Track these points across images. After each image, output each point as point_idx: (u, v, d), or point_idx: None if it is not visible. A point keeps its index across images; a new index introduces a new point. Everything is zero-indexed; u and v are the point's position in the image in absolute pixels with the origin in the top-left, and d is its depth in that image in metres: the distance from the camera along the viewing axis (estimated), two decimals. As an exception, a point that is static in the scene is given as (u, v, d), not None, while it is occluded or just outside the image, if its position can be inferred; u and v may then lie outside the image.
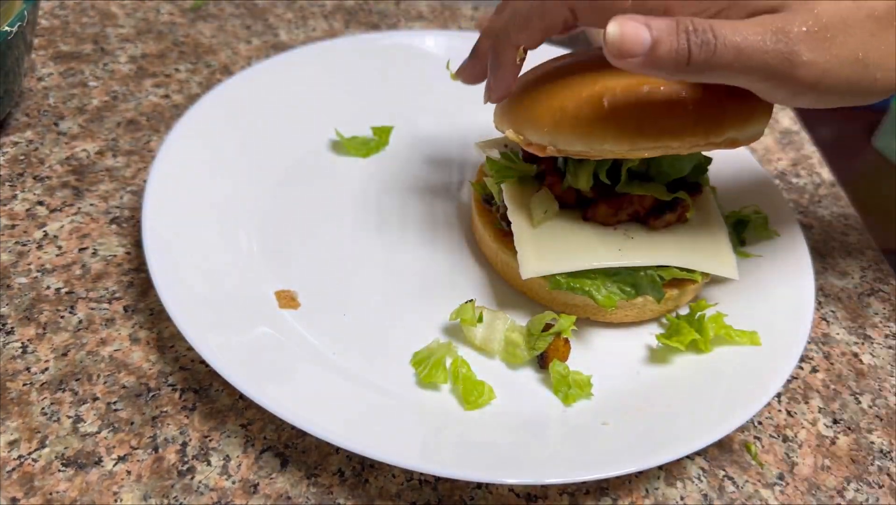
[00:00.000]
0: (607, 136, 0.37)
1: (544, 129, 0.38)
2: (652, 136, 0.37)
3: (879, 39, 0.33)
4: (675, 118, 0.36)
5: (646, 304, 0.42)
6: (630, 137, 0.37)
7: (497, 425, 0.37)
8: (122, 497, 0.34)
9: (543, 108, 0.38)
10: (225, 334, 0.38)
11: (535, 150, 0.39)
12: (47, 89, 0.57)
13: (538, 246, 0.41)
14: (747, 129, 0.38)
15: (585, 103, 0.37)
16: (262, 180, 0.50)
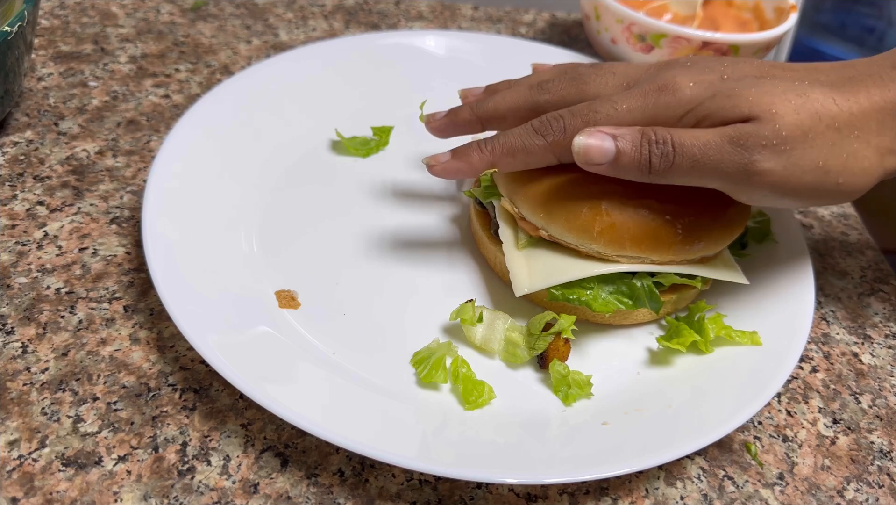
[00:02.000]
0: (599, 240, 0.39)
1: (539, 214, 0.40)
2: (637, 250, 0.39)
3: (840, 148, 0.35)
4: (662, 239, 0.39)
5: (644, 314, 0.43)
6: (618, 247, 0.39)
7: (497, 425, 0.37)
8: (123, 497, 0.34)
9: (541, 193, 0.40)
10: (225, 334, 0.38)
11: (527, 227, 0.41)
12: (47, 89, 0.57)
13: (529, 262, 0.41)
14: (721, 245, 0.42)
15: (583, 204, 0.39)
16: (262, 180, 0.50)
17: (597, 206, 0.39)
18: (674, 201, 0.39)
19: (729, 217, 0.41)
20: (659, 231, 0.39)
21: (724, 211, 0.41)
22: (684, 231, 0.39)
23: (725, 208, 0.41)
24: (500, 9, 0.79)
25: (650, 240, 0.39)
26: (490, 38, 0.66)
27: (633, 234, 0.39)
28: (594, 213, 0.39)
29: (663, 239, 0.39)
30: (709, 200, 0.40)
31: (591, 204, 0.39)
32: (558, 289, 0.40)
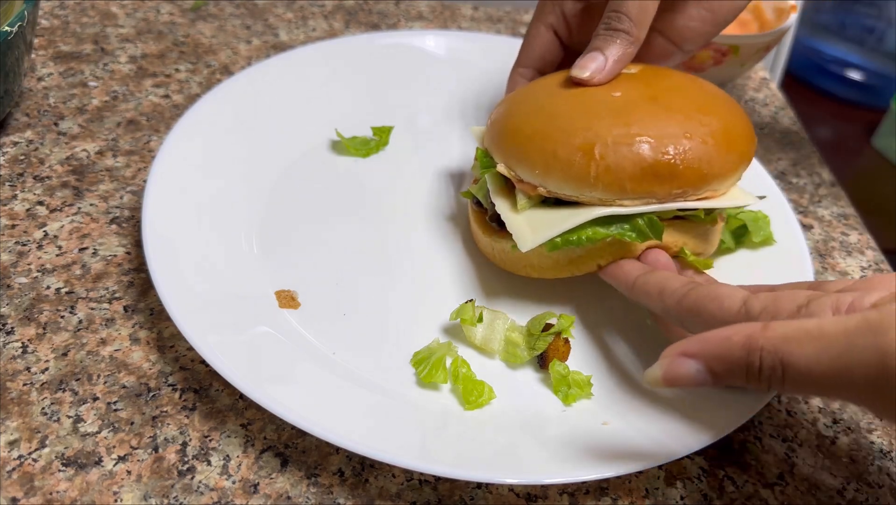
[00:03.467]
0: (597, 186, 0.38)
1: (535, 170, 0.40)
2: (638, 189, 0.38)
3: None
4: (662, 174, 0.38)
5: None
6: (618, 189, 0.38)
7: (497, 425, 0.37)
8: (123, 497, 0.34)
9: (536, 150, 0.40)
10: (225, 334, 0.38)
11: (527, 188, 0.41)
12: (47, 89, 0.57)
13: (530, 220, 0.41)
14: (726, 183, 0.40)
15: (577, 151, 0.38)
16: (262, 180, 0.50)
17: (590, 151, 0.38)
18: (668, 134, 0.38)
19: (731, 145, 0.39)
20: (657, 167, 0.38)
21: (725, 140, 0.39)
22: (685, 164, 0.38)
23: (727, 137, 0.39)
24: (500, 9, 0.79)
25: (650, 177, 0.38)
26: (490, 38, 0.66)
27: (630, 174, 0.38)
28: (588, 160, 0.38)
29: (663, 174, 0.38)
30: (708, 130, 0.39)
31: (584, 151, 0.38)
32: (560, 238, 0.39)
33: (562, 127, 0.39)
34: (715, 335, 0.28)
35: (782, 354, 0.26)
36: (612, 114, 0.39)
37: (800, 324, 0.26)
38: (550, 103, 0.42)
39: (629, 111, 0.39)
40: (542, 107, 0.42)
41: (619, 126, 0.38)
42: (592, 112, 0.39)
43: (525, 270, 0.44)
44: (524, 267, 0.43)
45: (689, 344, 0.28)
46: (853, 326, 0.25)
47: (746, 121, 0.42)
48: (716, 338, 0.28)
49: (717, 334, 0.28)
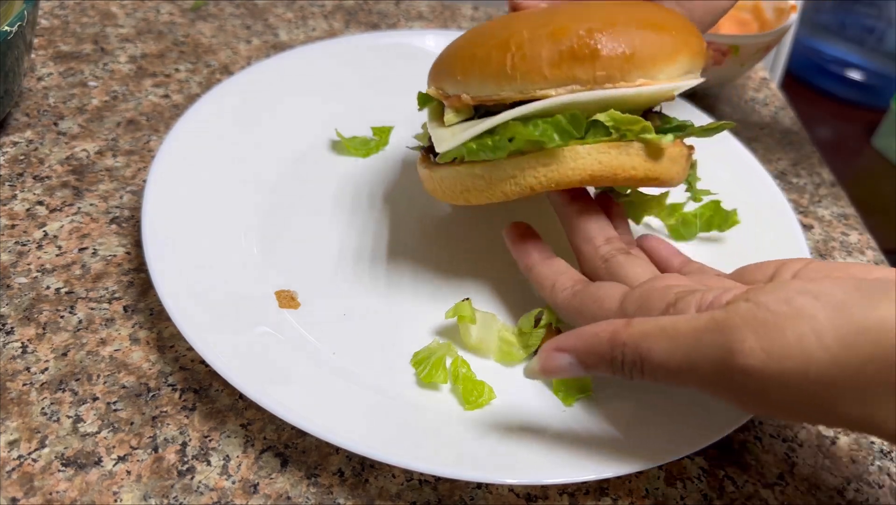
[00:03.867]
0: (515, 77, 0.36)
1: (457, 76, 0.38)
2: (559, 75, 0.36)
3: None
4: (581, 54, 0.36)
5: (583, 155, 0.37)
6: (538, 77, 0.36)
7: (497, 425, 0.37)
8: (122, 497, 0.34)
9: (457, 58, 0.39)
10: (225, 334, 0.38)
11: (454, 102, 0.39)
12: (47, 89, 0.57)
13: (454, 130, 0.40)
14: (663, 71, 0.37)
15: (494, 48, 0.37)
16: (262, 180, 0.50)
17: (506, 45, 0.37)
18: (589, 21, 0.36)
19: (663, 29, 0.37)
20: (575, 49, 0.36)
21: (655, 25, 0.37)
22: (607, 44, 0.36)
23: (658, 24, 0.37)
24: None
25: (569, 60, 0.36)
26: (490, 37, 0.66)
27: (548, 59, 0.36)
28: (504, 53, 0.37)
29: (583, 55, 0.36)
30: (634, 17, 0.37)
31: (500, 47, 0.37)
32: (475, 140, 0.37)
33: (483, 34, 0.39)
34: (585, 331, 0.31)
35: (641, 349, 0.29)
36: (534, 16, 0.38)
37: (657, 322, 0.29)
38: (481, 27, 0.41)
39: (552, 13, 0.38)
40: (473, 29, 0.41)
41: (539, 24, 0.37)
42: (515, 19, 0.39)
43: (463, 197, 0.41)
44: (461, 193, 0.41)
45: (564, 340, 0.31)
46: (702, 324, 0.27)
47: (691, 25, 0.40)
48: (586, 333, 0.31)
49: (587, 330, 0.31)
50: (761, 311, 0.26)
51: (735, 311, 0.27)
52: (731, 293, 0.29)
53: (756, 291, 0.27)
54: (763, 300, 0.27)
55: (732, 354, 0.26)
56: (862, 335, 0.24)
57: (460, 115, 0.40)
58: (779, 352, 0.25)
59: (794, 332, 0.25)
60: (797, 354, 0.25)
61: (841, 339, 0.25)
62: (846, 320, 0.25)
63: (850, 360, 0.25)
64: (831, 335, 0.25)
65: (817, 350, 0.25)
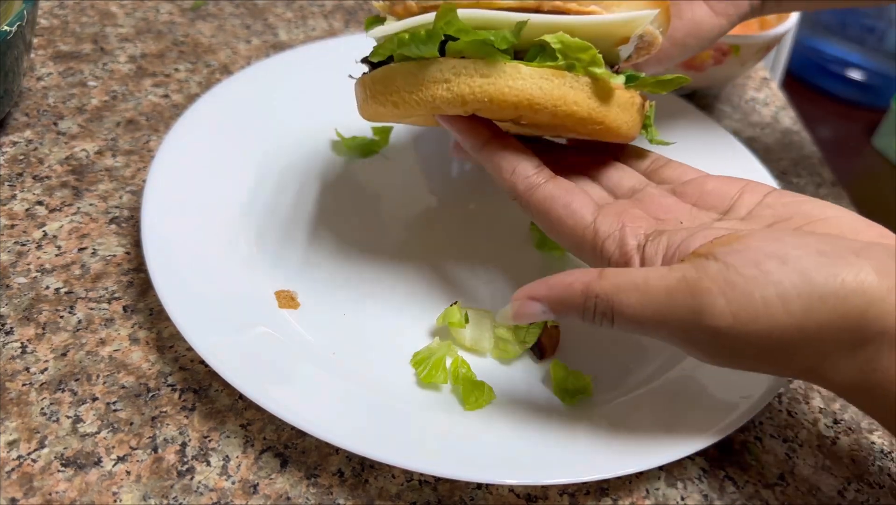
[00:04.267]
0: None
1: None
2: None
3: None
4: None
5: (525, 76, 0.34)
6: None
7: (497, 425, 0.37)
8: (122, 497, 0.33)
9: None
10: (224, 334, 0.38)
11: (399, 9, 0.36)
12: (46, 89, 0.57)
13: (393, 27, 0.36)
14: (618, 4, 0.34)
15: None
16: (261, 180, 0.50)
17: None
18: None
19: None
20: None
21: None
22: None
23: None
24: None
25: None
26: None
27: None
28: None
29: None
30: None
31: None
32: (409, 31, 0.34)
33: None
34: (559, 281, 0.32)
35: (613, 301, 0.30)
36: None
37: (629, 275, 0.30)
38: None
39: None
40: None
41: None
42: None
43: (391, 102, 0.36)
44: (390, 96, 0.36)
45: (537, 288, 0.32)
46: (673, 283, 0.29)
47: None
48: (559, 284, 0.32)
49: (560, 280, 0.32)
50: (731, 273, 0.28)
51: (705, 271, 0.29)
52: (698, 238, 0.31)
53: (725, 250, 0.29)
54: (732, 262, 0.28)
55: (702, 314, 0.28)
56: (822, 302, 0.27)
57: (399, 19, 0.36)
58: (746, 315, 0.28)
59: (762, 295, 0.27)
60: (763, 317, 0.27)
61: (804, 305, 0.27)
62: (809, 288, 0.27)
63: (809, 324, 0.27)
64: (795, 302, 0.27)
65: (782, 315, 0.27)
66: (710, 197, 0.37)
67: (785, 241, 0.29)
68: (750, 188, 0.37)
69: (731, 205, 0.36)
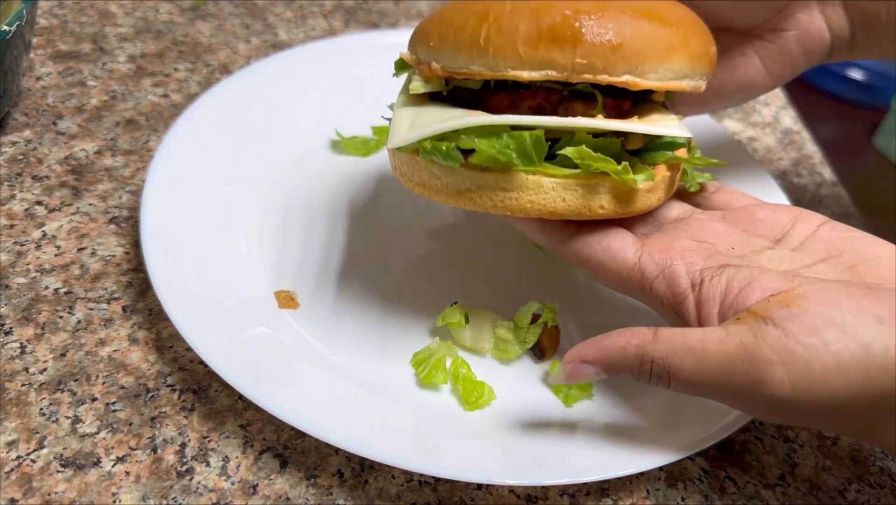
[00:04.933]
0: (488, 50, 0.33)
1: (430, 42, 0.35)
2: (534, 56, 0.33)
3: None
4: (561, 35, 0.32)
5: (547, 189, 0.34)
6: (512, 54, 0.33)
7: (497, 426, 0.37)
8: (121, 498, 0.33)
9: (435, 22, 0.36)
10: (224, 334, 0.37)
11: (425, 69, 0.36)
12: (46, 89, 0.57)
13: (415, 118, 0.36)
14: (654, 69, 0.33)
15: (472, 15, 0.34)
16: (261, 179, 0.50)
17: (485, 15, 0.33)
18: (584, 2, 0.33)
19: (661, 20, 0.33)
20: (556, 28, 0.32)
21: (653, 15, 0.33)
22: (593, 26, 0.32)
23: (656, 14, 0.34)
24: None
25: (547, 41, 0.32)
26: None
27: (525, 35, 0.32)
28: (481, 22, 0.33)
29: (563, 37, 0.32)
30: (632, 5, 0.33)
31: (479, 15, 0.34)
32: (430, 141, 0.34)
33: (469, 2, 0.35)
34: (611, 344, 0.32)
35: (669, 365, 0.30)
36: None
37: (685, 339, 0.30)
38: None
39: None
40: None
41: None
42: None
43: (419, 189, 0.38)
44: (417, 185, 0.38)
45: (588, 351, 0.32)
46: (732, 349, 0.29)
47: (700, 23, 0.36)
48: (612, 347, 0.31)
49: (613, 343, 0.32)
50: (790, 341, 0.28)
51: (763, 338, 0.28)
52: (756, 288, 0.31)
53: (783, 314, 0.29)
54: (791, 328, 0.28)
55: (761, 384, 0.28)
56: (881, 371, 0.27)
57: (429, 85, 0.37)
58: (805, 385, 0.28)
59: (821, 366, 0.28)
60: (822, 387, 0.28)
61: (862, 375, 0.27)
62: (868, 358, 0.27)
63: (866, 392, 0.27)
64: (854, 372, 0.27)
65: (840, 384, 0.28)
66: (761, 225, 0.37)
67: (842, 306, 0.28)
68: (803, 217, 0.36)
69: (783, 234, 0.36)
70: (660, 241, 0.35)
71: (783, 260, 0.34)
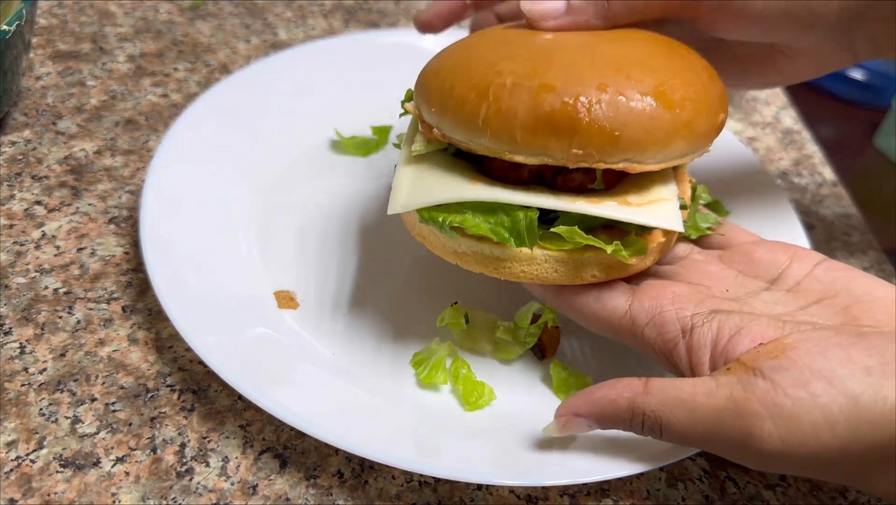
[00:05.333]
0: (486, 131, 0.33)
1: (433, 108, 0.35)
2: (531, 142, 0.32)
3: None
4: (559, 125, 0.32)
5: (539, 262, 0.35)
6: (508, 138, 0.32)
7: (497, 426, 0.37)
8: (121, 498, 0.33)
9: (437, 85, 0.35)
10: (224, 335, 0.37)
11: (426, 129, 0.36)
12: (45, 88, 0.57)
13: (416, 180, 0.36)
14: (653, 155, 0.33)
15: (473, 90, 0.33)
16: (261, 180, 0.50)
17: (485, 92, 0.33)
18: (578, 82, 0.32)
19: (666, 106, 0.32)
20: (554, 117, 0.31)
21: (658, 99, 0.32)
22: (590, 118, 0.31)
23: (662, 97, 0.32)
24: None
25: (545, 128, 0.31)
26: (490, 37, 0.65)
27: (522, 121, 0.32)
28: (480, 100, 0.33)
29: (561, 126, 0.31)
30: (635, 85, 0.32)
31: (479, 90, 0.33)
32: (427, 211, 0.35)
33: (470, 63, 0.34)
34: (603, 396, 0.32)
35: (660, 418, 0.31)
36: (528, 56, 0.33)
37: (676, 391, 0.31)
38: (479, 42, 0.36)
39: (549, 56, 0.33)
40: (468, 45, 0.37)
41: (527, 69, 0.32)
42: (510, 53, 0.34)
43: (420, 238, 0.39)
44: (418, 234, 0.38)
45: (579, 405, 0.33)
46: (722, 402, 0.29)
47: (709, 92, 0.35)
48: (604, 399, 0.32)
49: (604, 395, 0.32)
50: (779, 395, 0.28)
51: (753, 390, 0.29)
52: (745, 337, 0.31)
53: (772, 365, 0.29)
54: (780, 381, 0.28)
55: (751, 437, 0.29)
56: (870, 425, 0.27)
57: (430, 146, 0.37)
58: (795, 439, 0.28)
59: (810, 419, 0.28)
60: (811, 440, 0.28)
61: (850, 429, 0.27)
62: (856, 411, 0.27)
63: (855, 445, 0.28)
64: (842, 425, 0.27)
65: (829, 438, 0.28)
66: (757, 266, 0.37)
67: (831, 357, 0.28)
68: (799, 257, 0.36)
69: (778, 274, 0.36)
70: (651, 287, 0.35)
71: (777, 302, 0.34)
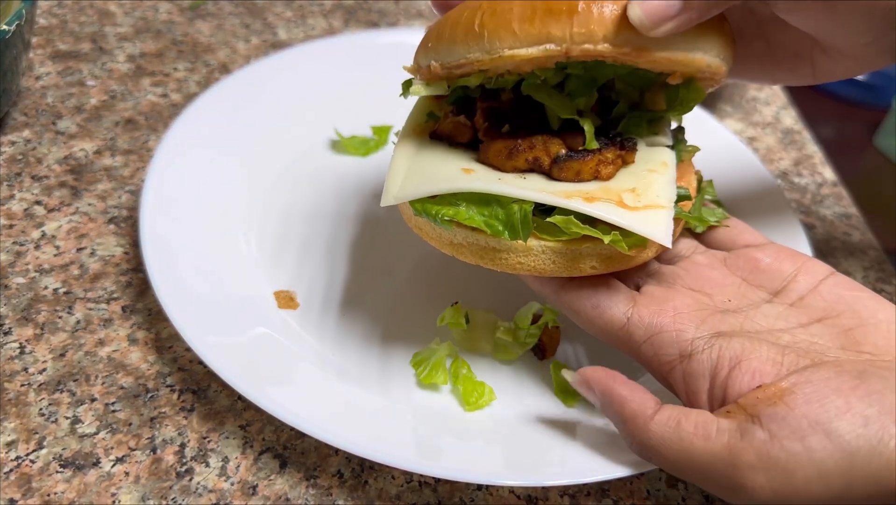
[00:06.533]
0: (483, 34, 0.32)
1: (429, 44, 0.35)
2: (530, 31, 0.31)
3: None
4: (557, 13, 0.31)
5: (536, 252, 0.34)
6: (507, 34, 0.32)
7: (497, 426, 0.37)
8: (121, 498, 0.33)
9: (435, 26, 0.36)
10: (223, 335, 0.37)
11: (424, 74, 0.36)
12: (45, 88, 0.57)
13: (411, 170, 0.36)
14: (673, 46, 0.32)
15: (467, 10, 0.34)
16: (260, 180, 0.50)
17: (479, 6, 0.33)
18: None
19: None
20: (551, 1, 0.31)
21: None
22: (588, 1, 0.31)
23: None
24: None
25: (542, 13, 0.31)
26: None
27: (519, 13, 0.32)
28: (475, 12, 0.33)
29: (558, 8, 0.31)
30: None
31: (472, 8, 0.33)
32: (421, 203, 0.34)
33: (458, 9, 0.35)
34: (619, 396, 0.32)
35: (656, 450, 0.31)
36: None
37: (677, 431, 0.30)
38: None
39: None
40: None
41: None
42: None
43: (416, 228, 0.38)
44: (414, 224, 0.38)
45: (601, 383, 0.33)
46: (717, 449, 0.29)
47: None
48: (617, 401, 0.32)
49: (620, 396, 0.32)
50: (775, 447, 0.28)
51: (749, 440, 0.28)
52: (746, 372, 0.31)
53: (770, 414, 0.29)
54: (777, 432, 0.28)
55: (742, 488, 0.28)
56: (863, 481, 0.27)
57: (430, 87, 0.36)
58: (787, 492, 0.28)
59: (803, 474, 0.27)
60: (803, 494, 0.28)
61: (844, 483, 0.27)
62: (850, 466, 0.27)
63: (848, 498, 0.27)
64: (836, 480, 0.27)
65: (821, 491, 0.27)
66: (763, 275, 0.36)
67: (829, 406, 0.28)
68: (806, 269, 0.35)
69: (783, 286, 0.35)
70: (652, 299, 0.34)
71: (779, 316, 0.34)
